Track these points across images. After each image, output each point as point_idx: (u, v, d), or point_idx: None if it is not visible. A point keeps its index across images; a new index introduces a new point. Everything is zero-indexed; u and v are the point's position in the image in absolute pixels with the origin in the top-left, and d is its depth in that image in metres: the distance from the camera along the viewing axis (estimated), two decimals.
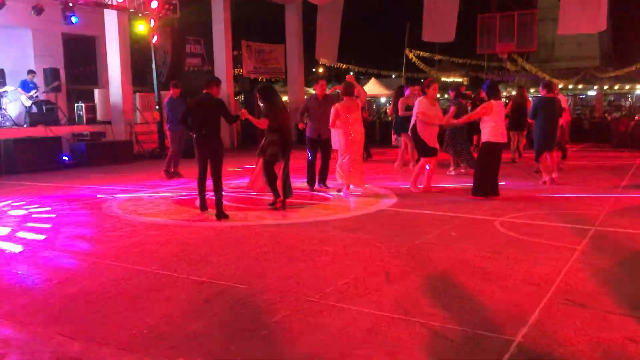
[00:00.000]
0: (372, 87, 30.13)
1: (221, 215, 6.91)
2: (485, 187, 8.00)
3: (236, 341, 3.35)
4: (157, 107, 16.80)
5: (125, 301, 4.07)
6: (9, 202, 8.60)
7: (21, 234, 6.32)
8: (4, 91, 14.83)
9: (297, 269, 4.77)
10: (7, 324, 3.69)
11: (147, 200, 8.68)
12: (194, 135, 7.08)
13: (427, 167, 8.70)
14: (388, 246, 5.47)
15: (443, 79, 33.25)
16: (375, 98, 35.13)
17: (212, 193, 7.03)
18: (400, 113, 11.08)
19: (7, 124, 14.68)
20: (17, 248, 5.70)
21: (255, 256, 5.22)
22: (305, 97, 12.39)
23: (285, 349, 3.25)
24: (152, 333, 3.49)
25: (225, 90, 20.02)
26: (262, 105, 7.50)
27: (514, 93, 19.98)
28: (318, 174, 9.15)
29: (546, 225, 6.37)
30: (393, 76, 34.85)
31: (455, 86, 11.75)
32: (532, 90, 26.70)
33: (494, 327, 3.50)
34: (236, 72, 23.35)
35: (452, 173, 10.90)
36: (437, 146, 8.79)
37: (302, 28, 22.96)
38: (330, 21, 21.31)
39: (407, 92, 11.36)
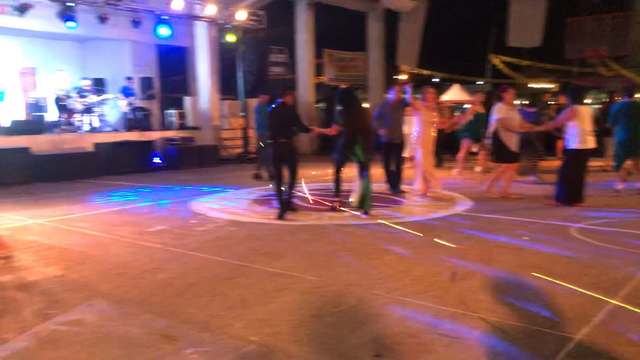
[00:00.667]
0: (455, 94, 29.73)
1: (286, 210, 7.40)
2: (568, 195, 7.83)
3: (303, 325, 3.62)
4: (242, 113, 17.56)
5: (205, 287, 4.46)
6: (107, 198, 9.41)
7: (119, 227, 6.95)
8: (105, 98, 16.11)
9: (365, 266, 4.98)
10: (104, 301, 4.17)
11: (231, 199, 9.19)
12: (270, 140, 7.50)
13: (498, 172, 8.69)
14: (457, 248, 5.56)
15: (531, 85, 32.18)
16: (458, 105, 34.59)
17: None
18: (467, 119, 11.38)
19: (107, 129, 15.93)
20: (115, 238, 6.30)
21: (325, 252, 5.49)
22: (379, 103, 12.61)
23: (347, 333, 3.47)
24: (227, 314, 3.83)
25: (308, 98, 20.62)
26: (339, 108, 7.74)
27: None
28: (393, 179, 9.30)
29: (625, 233, 6.19)
30: (481, 82, 34.16)
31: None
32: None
33: (554, 324, 3.55)
34: (318, 81, 23.87)
35: (532, 179, 10.69)
36: (518, 151, 8.72)
37: (385, 35, 23.17)
38: (412, 28, 21.40)
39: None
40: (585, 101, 11.14)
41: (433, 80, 36.47)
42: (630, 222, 6.73)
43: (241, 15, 16.27)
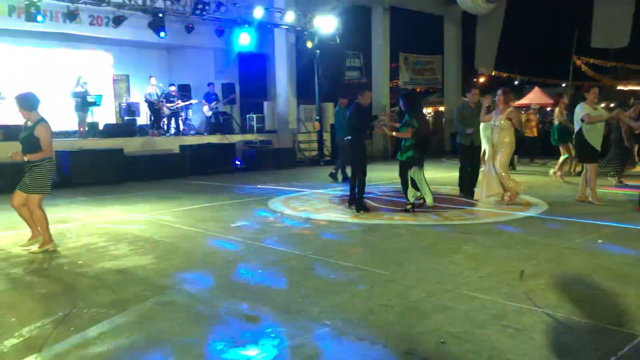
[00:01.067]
0: (535, 97, 28.89)
1: (360, 208, 7.85)
2: None
3: (373, 313, 3.88)
4: (317, 117, 18.03)
5: (284, 276, 4.81)
6: (193, 196, 10.07)
7: (204, 222, 7.47)
8: (190, 103, 17.05)
9: (434, 263, 5.16)
10: (194, 287, 4.61)
11: (306, 198, 9.58)
12: (345, 139, 7.96)
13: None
14: (528, 248, 5.62)
15: (619, 87, 30.72)
16: (540, 107, 33.54)
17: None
18: (557, 122, 11.13)
19: (192, 132, 16.85)
20: (201, 232, 6.82)
21: (397, 249, 5.71)
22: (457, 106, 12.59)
23: (414, 322, 3.70)
24: (304, 300, 4.15)
25: (382, 101, 20.81)
26: (404, 110, 7.97)
27: None
28: (468, 182, 9.31)
29: None
30: (563, 85, 33.01)
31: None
32: None
33: (621, 322, 3.61)
34: (393, 84, 24.01)
35: (613, 183, 10.39)
36: (602, 151, 8.57)
37: (462, 38, 22.99)
38: (490, 30, 21.11)
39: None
40: None
41: (515, 83, 35.59)
42: None
43: (318, 21, 16.73)
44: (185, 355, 3.24)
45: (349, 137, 8.05)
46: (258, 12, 15.39)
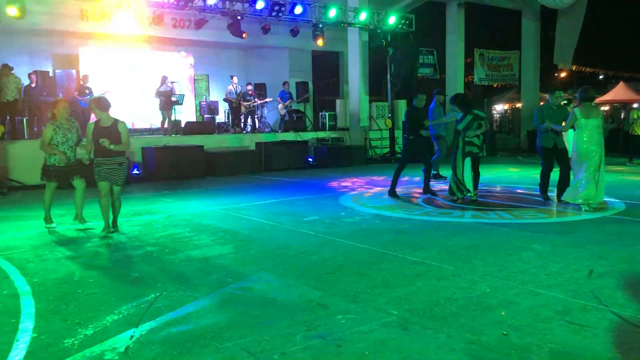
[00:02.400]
0: (620, 92, 27.58)
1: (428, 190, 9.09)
2: None
3: (438, 305, 4.06)
4: (389, 114, 18.14)
5: (353, 268, 5.07)
6: (268, 191, 10.52)
7: (279, 216, 7.86)
8: (266, 102, 17.64)
9: (502, 260, 5.25)
10: (270, 275, 4.95)
11: (376, 195, 9.78)
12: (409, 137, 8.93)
13: None
14: (598, 249, 5.58)
15: None
16: (624, 104, 31.98)
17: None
18: None
19: (267, 130, 17.44)
20: (276, 225, 7.20)
21: (464, 247, 5.83)
22: (540, 104, 12.15)
23: (478, 314, 3.85)
24: (372, 292, 4.39)
25: None
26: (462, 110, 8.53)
27: None
28: (557, 186, 8.91)
29: None
30: None
31: None
32: None
33: None
34: (467, 80, 23.68)
35: None
36: None
37: (540, 33, 22.33)
38: (570, 24, 20.38)
39: None
40: None
41: (600, 77, 34.04)
42: None
43: (392, 19, 16.83)
44: (263, 334, 3.56)
45: (410, 137, 9.02)
46: (332, 12, 15.70)
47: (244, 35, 14.68)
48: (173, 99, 15.17)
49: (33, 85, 14.23)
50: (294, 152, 15.54)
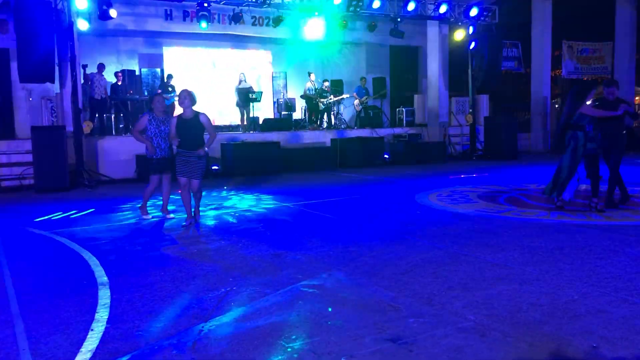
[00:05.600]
0: None
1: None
2: None
3: (520, 311, 3.77)
4: (470, 110, 17.53)
5: (428, 269, 4.84)
6: (339, 188, 10.42)
7: (349, 214, 7.73)
8: (342, 98, 17.54)
9: (591, 264, 4.84)
10: (341, 273, 4.82)
11: (456, 194, 9.43)
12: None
13: None
14: None
15: None
16: None
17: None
18: None
19: (342, 126, 17.34)
20: (347, 223, 7.07)
21: (549, 249, 5.43)
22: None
23: (565, 322, 3.54)
24: (448, 294, 4.16)
25: (542, 93, 19.63)
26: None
27: None
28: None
29: None
30: None
31: None
32: None
33: None
34: (554, 74, 22.50)
35: None
36: None
37: (636, 21, 20.81)
38: None
39: None
40: None
41: None
42: None
43: (473, 11, 16.23)
44: (331, 335, 3.44)
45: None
46: (410, 6, 15.33)
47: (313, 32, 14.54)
48: (251, 96, 15.38)
49: (120, 84, 14.89)
50: (369, 149, 15.35)
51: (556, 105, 21.62)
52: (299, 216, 7.67)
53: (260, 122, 15.88)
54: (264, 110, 17.62)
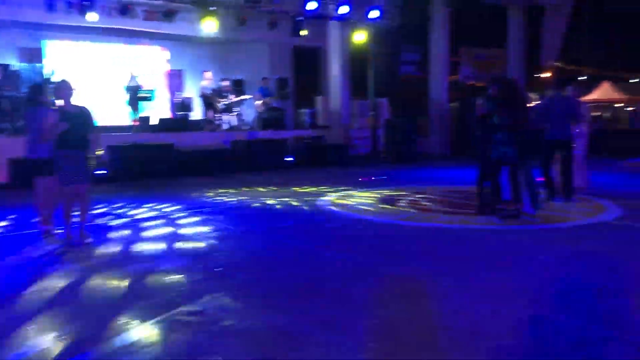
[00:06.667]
0: (605, 92, 27.25)
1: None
2: None
3: (428, 335, 3.34)
4: (372, 112, 17.48)
5: (329, 286, 4.33)
6: (227, 190, 9.76)
7: (242, 222, 7.10)
8: (243, 98, 16.84)
9: (499, 276, 4.56)
10: (228, 296, 4.19)
11: (359, 198, 9.07)
12: None
13: None
14: (607, 261, 4.93)
15: None
16: (609, 103, 31.69)
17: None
18: None
19: (244, 127, 16.63)
20: (239, 234, 6.44)
21: (457, 258, 5.13)
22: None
23: (478, 346, 3.15)
24: (350, 315, 3.66)
25: (441, 97, 20.01)
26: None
27: None
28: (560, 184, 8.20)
29: None
30: (636, 80, 30.93)
31: None
32: None
33: None
34: (451, 79, 23.11)
35: None
36: None
37: (527, 31, 21.83)
38: (557, 21, 19.92)
39: None
40: None
41: (583, 77, 33.71)
42: None
43: (374, 14, 16.14)
44: None
45: None
46: (311, 5, 14.96)
47: (208, 26, 13.78)
48: (142, 94, 14.31)
49: None
50: (272, 151, 14.77)
51: (454, 110, 22.20)
52: (186, 228, 6.92)
53: (154, 122, 14.81)
54: (159, 109, 16.52)
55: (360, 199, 9.02)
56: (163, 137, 13.58)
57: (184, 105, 16.62)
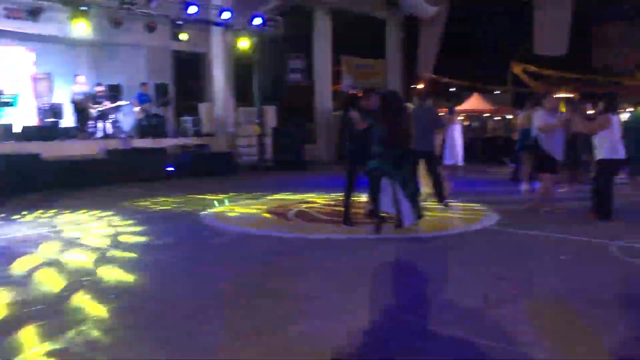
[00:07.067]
0: (474, 102, 29.10)
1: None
2: (600, 208, 7.34)
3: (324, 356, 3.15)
4: (257, 120, 17.22)
5: (214, 311, 4.01)
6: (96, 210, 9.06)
7: (117, 240, 6.54)
8: (120, 105, 15.84)
9: (388, 287, 4.50)
10: (96, 327, 3.73)
11: (245, 209, 8.76)
12: None
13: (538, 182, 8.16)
14: (490, 269, 5.04)
15: (557, 95, 31.39)
16: (478, 114, 33.90)
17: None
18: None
19: (122, 136, 15.63)
20: (112, 253, 5.89)
21: (349, 272, 5.00)
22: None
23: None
24: (237, 343, 3.37)
25: (326, 106, 20.23)
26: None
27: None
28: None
29: None
30: (499, 92, 33.42)
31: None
32: None
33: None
34: (334, 88, 23.49)
35: (564, 189, 10.15)
36: (559, 160, 8.09)
37: (404, 43, 22.74)
38: (431, 34, 20.94)
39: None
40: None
41: (453, 89, 35.82)
42: None
43: (257, 20, 15.94)
44: None
45: None
46: (192, 9, 14.43)
47: (80, 27, 12.84)
48: (3, 99, 12.96)
49: None
50: (150, 161, 13.98)
51: (338, 118, 22.54)
52: (46, 246, 6.22)
53: (17, 130, 13.43)
54: (24, 116, 15.05)
55: (247, 209, 8.72)
56: (29, 146, 12.35)
57: (54, 112, 15.28)
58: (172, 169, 14.37)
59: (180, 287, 4.61)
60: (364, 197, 7.33)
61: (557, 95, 12.02)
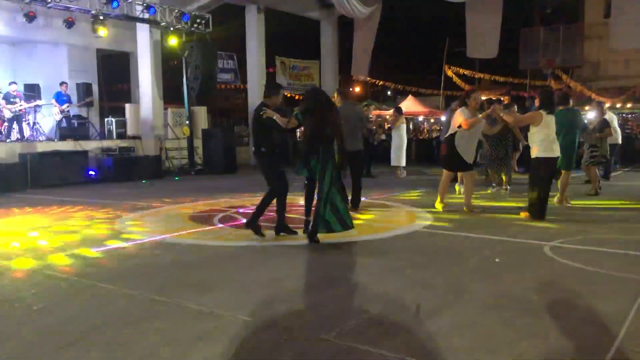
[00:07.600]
0: (409, 105, 29.38)
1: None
2: (534, 207, 7.28)
3: None
4: (187, 122, 16.55)
5: (107, 333, 3.47)
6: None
7: (13, 250, 5.86)
8: (37, 105, 14.78)
9: (315, 299, 4.11)
10: None
11: (163, 216, 8.18)
12: None
13: (459, 182, 8.05)
14: (421, 275, 4.75)
15: (483, 97, 32.18)
16: (413, 116, 34.31)
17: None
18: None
19: (40, 138, 14.59)
20: (11, 266, 5.23)
21: (265, 284, 4.58)
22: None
23: None
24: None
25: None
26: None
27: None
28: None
29: (605, 252, 5.54)
30: (435, 94, 33.99)
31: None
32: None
33: None
34: None
35: (494, 190, 10.14)
36: (471, 161, 7.99)
37: (338, 44, 22.56)
38: (366, 37, 20.83)
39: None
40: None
41: (388, 93, 36.13)
42: (607, 240, 6.10)
43: (185, 18, 15.29)
44: None
45: None
46: (115, 4, 13.63)
47: None
48: None
49: None
50: (70, 165, 13.05)
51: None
52: None
53: None
54: None
55: (169, 216, 8.14)
56: None
57: None
58: (93, 173, 13.50)
59: (63, 307, 4.00)
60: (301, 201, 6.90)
61: (482, 95, 12.21)
